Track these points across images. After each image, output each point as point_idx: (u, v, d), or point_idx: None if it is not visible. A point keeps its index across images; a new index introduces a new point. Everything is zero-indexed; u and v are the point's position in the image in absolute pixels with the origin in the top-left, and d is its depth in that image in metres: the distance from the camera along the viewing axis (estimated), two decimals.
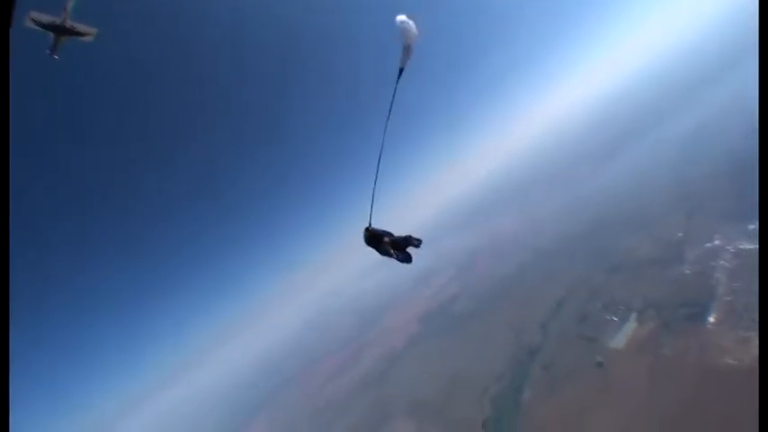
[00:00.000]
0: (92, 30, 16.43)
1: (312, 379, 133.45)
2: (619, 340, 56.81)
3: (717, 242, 60.20)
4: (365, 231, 11.09)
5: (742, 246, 55.90)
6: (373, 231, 11.08)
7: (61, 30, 16.05)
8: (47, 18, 15.39)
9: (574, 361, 58.88)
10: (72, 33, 16.34)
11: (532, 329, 71.91)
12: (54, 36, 16.23)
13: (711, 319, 48.59)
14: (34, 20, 15.29)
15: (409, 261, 11.27)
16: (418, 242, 11.22)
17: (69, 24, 15.96)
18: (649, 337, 53.49)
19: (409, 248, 11.37)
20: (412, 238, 11.24)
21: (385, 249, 11.00)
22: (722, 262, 56.08)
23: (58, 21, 15.68)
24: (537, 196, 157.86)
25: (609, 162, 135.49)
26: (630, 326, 57.78)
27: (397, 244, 11.13)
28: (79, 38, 16.68)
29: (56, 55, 16.80)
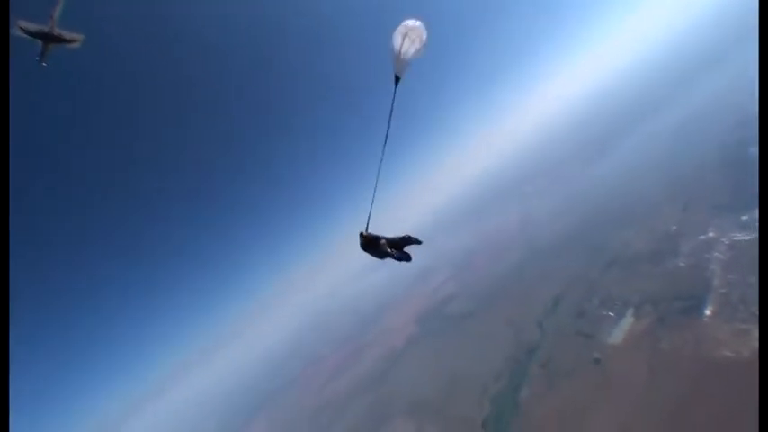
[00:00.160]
0: (78, 36, 16.58)
1: (312, 379, 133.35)
2: (616, 336, 56.85)
3: (711, 234, 60.46)
4: (360, 237, 11.02)
5: (736, 237, 56.16)
6: (368, 236, 11.01)
7: (49, 37, 16.17)
8: (34, 26, 15.54)
9: (571, 358, 58.92)
10: (59, 40, 16.49)
11: (530, 327, 71.94)
12: (42, 44, 16.33)
13: (708, 312, 48.75)
14: (22, 28, 15.40)
15: (408, 260, 11.28)
16: (418, 242, 11.24)
17: (57, 32, 16.12)
18: (646, 332, 53.58)
19: (407, 248, 11.39)
20: (411, 238, 11.23)
21: (382, 251, 10.98)
22: (717, 254, 56.29)
23: (46, 29, 15.83)
24: (530, 194, 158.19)
25: (601, 157, 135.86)
26: (627, 321, 57.86)
27: (395, 244, 11.13)
28: (66, 45, 16.78)
29: (44, 62, 16.85)
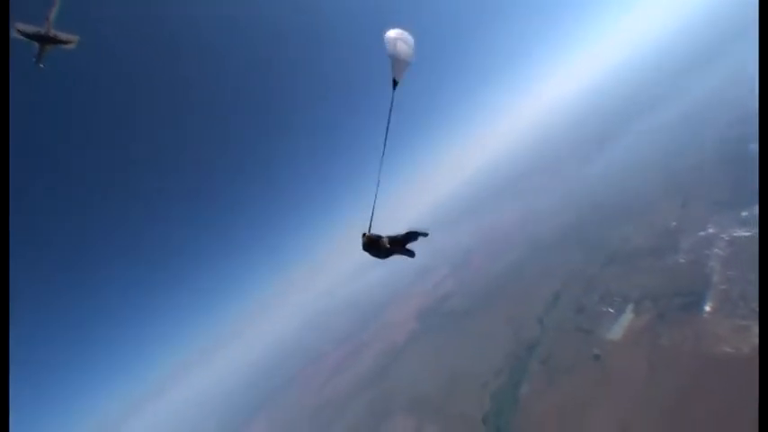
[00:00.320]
0: (74, 37, 16.85)
1: (312, 378, 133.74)
2: (616, 332, 56.97)
3: (710, 230, 60.53)
4: (363, 237, 11.03)
5: (736, 233, 56.21)
6: (371, 236, 11.04)
7: (45, 39, 16.37)
8: (31, 29, 15.80)
9: (571, 354, 59.07)
10: (56, 42, 16.68)
11: (529, 324, 72.08)
12: (39, 45, 16.54)
13: (707, 308, 48.80)
14: (20, 31, 15.60)
15: (412, 255, 11.38)
16: (424, 234, 11.31)
17: (53, 33, 16.33)
18: (646, 328, 53.65)
19: (412, 244, 11.45)
20: (416, 233, 11.30)
21: (386, 251, 11.08)
22: (716, 250, 56.34)
23: (42, 30, 16.05)
24: (529, 190, 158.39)
25: (600, 154, 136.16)
26: (627, 317, 57.95)
27: (398, 241, 11.22)
28: (62, 46, 16.98)
29: (41, 63, 16.98)
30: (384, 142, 11.39)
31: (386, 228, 11.18)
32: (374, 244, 11.02)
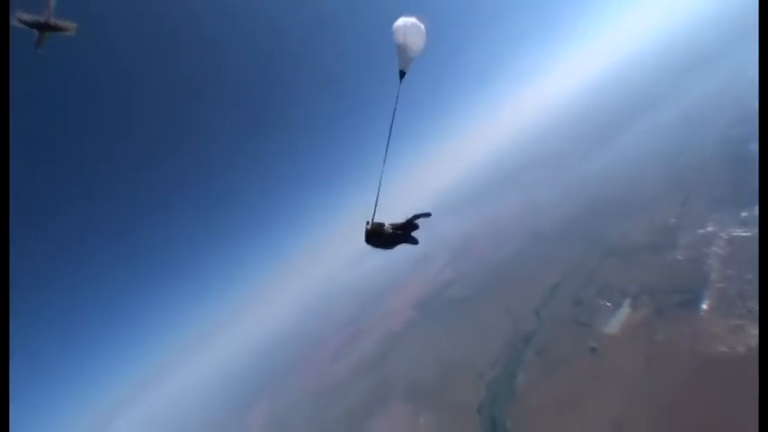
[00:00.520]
0: (72, 25, 17.09)
1: (312, 363, 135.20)
2: (613, 326, 57.33)
3: (710, 228, 60.47)
4: (366, 225, 10.99)
5: (735, 233, 56.19)
6: (374, 225, 11.02)
7: (45, 26, 16.57)
8: (31, 17, 16.03)
9: (568, 346, 59.57)
10: (55, 29, 16.92)
11: (527, 315, 72.51)
12: (38, 33, 16.79)
13: (704, 306, 49.02)
14: (20, 19, 15.82)
15: (416, 243, 11.40)
16: (427, 215, 11.25)
17: (52, 21, 16.49)
18: (643, 323, 53.99)
19: (415, 232, 11.41)
20: (418, 215, 11.22)
21: (389, 240, 11.08)
22: (715, 248, 56.37)
23: (42, 18, 16.24)
24: (531, 182, 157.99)
25: (602, 147, 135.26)
26: (624, 311, 58.25)
27: (402, 227, 11.19)
28: (61, 33, 17.29)
29: (40, 50, 17.26)
30: (389, 133, 11.35)
31: (387, 216, 11.15)
32: (377, 234, 10.99)
